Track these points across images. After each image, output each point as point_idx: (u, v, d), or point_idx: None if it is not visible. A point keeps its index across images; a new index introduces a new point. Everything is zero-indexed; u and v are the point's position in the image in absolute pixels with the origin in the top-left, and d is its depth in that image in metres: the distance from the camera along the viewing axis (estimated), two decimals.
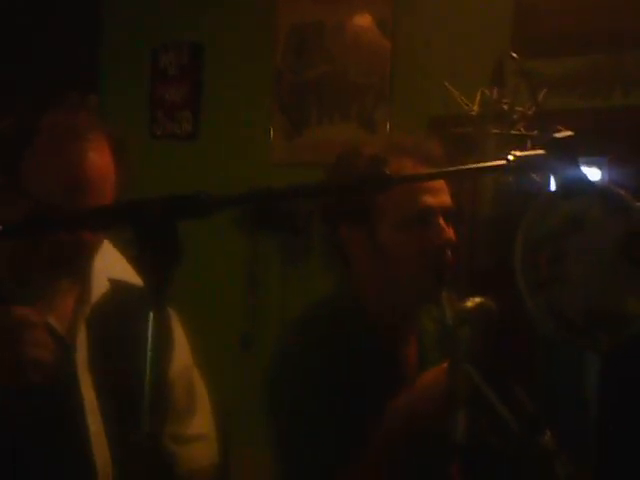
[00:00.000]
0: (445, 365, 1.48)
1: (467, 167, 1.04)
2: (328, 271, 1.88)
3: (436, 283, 1.57)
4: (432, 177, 1.47)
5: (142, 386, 1.18)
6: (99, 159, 1.36)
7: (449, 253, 1.58)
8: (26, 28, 3.38)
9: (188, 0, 3.52)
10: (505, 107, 1.45)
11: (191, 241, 1.01)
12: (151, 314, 0.94)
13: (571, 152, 0.99)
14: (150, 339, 0.94)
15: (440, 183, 1.60)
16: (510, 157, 1.00)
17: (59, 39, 3.46)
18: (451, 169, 1.05)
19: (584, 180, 1.02)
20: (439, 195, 1.59)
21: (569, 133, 1.00)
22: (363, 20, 3.22)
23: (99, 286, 1.46)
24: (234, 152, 3.42)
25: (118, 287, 1.48)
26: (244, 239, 3.30)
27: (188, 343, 1.61)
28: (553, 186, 1.11)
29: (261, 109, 3.38)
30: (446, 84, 1.66)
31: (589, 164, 2.59)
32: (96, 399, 1.39)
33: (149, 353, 0.94)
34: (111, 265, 1.52)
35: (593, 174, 2.64)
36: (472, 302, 1.40)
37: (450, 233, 1.59)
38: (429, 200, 1.57)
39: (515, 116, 1.45)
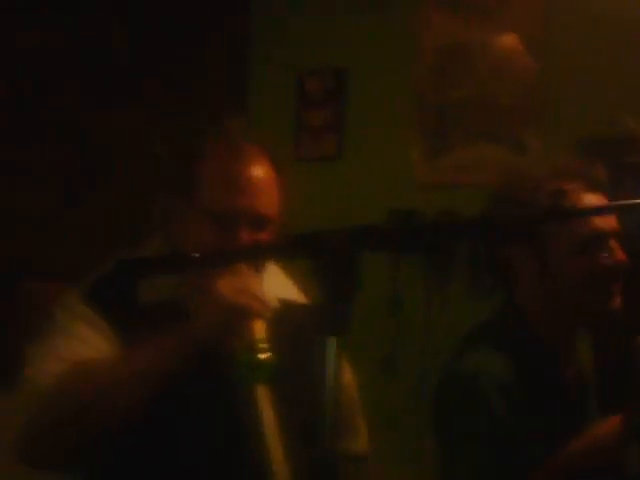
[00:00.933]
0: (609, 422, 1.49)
1: None
2: (477, 293, 1.87)
3: (606, 307, 1.59)
4: (613, 209, 1.42)
5: (318, 402, 1.22)
6: (265, 172, 1.51)
7: (621, 275, 1.60)
8: (180, 55, 3.51)
9: (333, 26, 3.56)
10: None
11: None
12: (333, 339, 0.96)
13: None
14: (332, 361, 0.96)
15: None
16: None
17: (210, 64, 3.58)
18: (627, 203, 1.01)
19: None
20: (609, 218, 1.61)
21: None
22: (510, 39, 3.17)
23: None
24: (378, 174, 3.43)
25: (287, 306, 1.56)
26: (388, 261, 3.29)
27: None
28: None
29: (404, 131, 3.38)
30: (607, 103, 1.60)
31: None
32: (273, 414, 1.42)
33: (331, 372, 0.96)
34: (279, 286, 1.58)
35: None
36: None
37: (622, 255, 1.60)
38: (601, 224, 1.59)
39: None
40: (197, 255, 1.09)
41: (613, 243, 1.61)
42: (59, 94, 3.15)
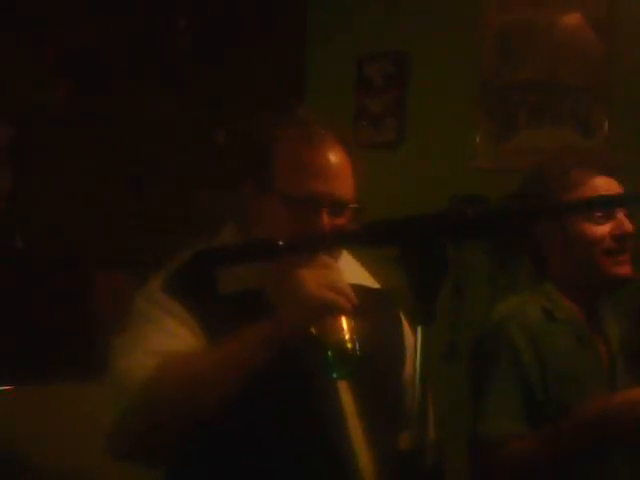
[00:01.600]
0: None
1: None
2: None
3: (616, 265, 1.84)
4: (632, 202, 1.51)
5: (399, 389, 1.22)
6: (341, 158, 1.52)
7: (630, 241, 1.85)
8: (239, 40, 3.51)
9: (394, 8, 3.52)
10: None
11: None
12: (419, 328, 0.96)
13: None
14: (419, 351, 0.98)
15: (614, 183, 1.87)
16: None
17: (268, 50, 3.57)
18: None
19: None
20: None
21: None
22: (575, 19, 3.10)
23: None
24: (440, 159, 3.39)
25: (361, 292, 1.52)
26: (450, 248, 3.25)
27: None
28: None
29: (467, 114, 3.33)
30: None
31: None
32: (354, 403, 1.41)
33: (419, 364, 0.98)
34: (351, 271, 1.57)
35: None
36: None
37: (630, 225, 1.84)
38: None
39: None
40: (281, 243, 1.08)
41: (621, 214, 1.85)
42: (122, 87, 3.17)
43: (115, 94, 3.13)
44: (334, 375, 1.32)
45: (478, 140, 3.29)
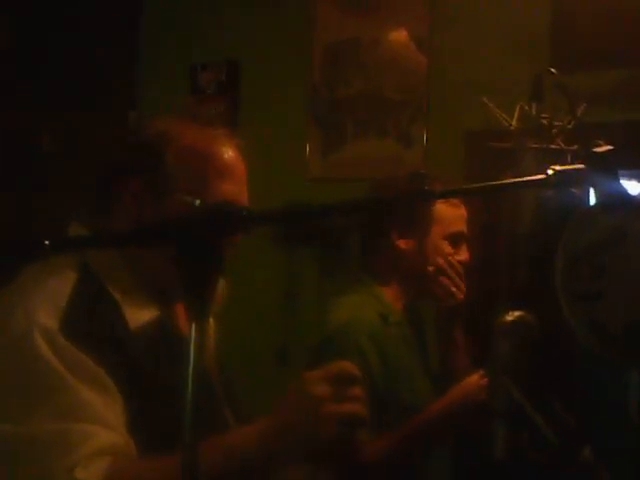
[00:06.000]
0: (473, 378, 1.75)
1: (507, 182, 1.04)
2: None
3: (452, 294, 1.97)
4: (471, 193, 1.50)
5: None
6: (235, 152, 1.39)
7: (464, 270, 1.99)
8: (67, 44, 3.44)
9: (226, 18, 3.55)
10: (544, 122, 1.47)
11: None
12: (193, 325, 0.95)
13: (611, 166, 0.99)
14: (192, 351, 0.94)
15: (465, 213, 2.00)
16: (550, 171, 1.01)
17: (99, 55, 3.52)
18: (491, 184, 1.06)
19: (625, 194, 1.01)
20: (465, 224, 2.00)
21: (609, 147, 1.00)
22: (399, 36, 3.24)
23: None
24: (270, 168, 3.44)
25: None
26: (281, 254, 3.31)
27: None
28: (593, 200, 1.10)
29: (297, 125, 3.40)
30: (484, 99, 1.68)
31: (626, 177, 2.57)
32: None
33: (192, 360, 0.94)
34: None
35: (631, 187, 2.62)
36: (512, 316, 1.41)
37: (467, 255, 2.00)
38: (462, 227, 1.99)
39: (554, 130, 1.46)
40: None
41: (464, 244, 1.99)
42: None
43: None
44: None
45: (308, 151, 3.37)
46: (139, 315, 1.28)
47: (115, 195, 1.36)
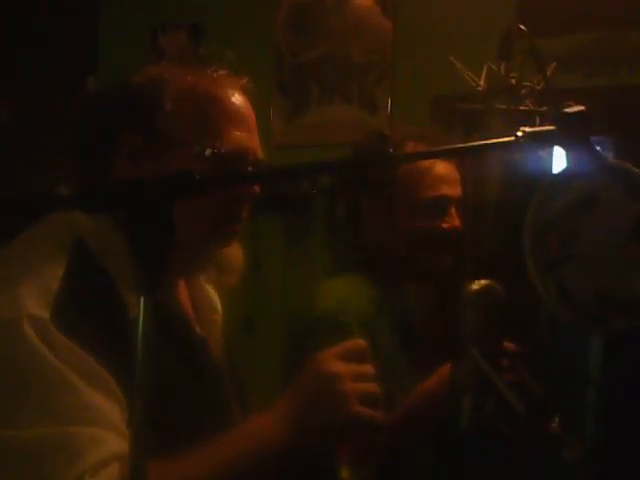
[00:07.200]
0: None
1: (475, 144, 1.00)
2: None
3: (436, 265, 1.74)
4: (437, 154, 1.46)
5: None
6: (243, 95, 1.26)
7: (455, 238, 1.75)
8: (25, 9, 3.33)
9: None
10: (513, 82, 1.43)
11: None
12: (142, 298, 0.89)
13: (583, 127, 0.95)
14: (141, 324, 0.87)
15: (455, 174, 1.76)
16: (519, 133, 0.96)
17: (58, 21, 3.41)
18: (459, 146, 1.01)
19: (597, 157, 0.97)
20: (454, 186, 1.75)
21: (580, 108, 0.95)
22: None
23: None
24: None
25: None
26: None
27: None
28: (563, 164, 1.06)
29: (261, 90, 3.33)
30: (451, 59, 1.62)
31: (595, 143, 2.55)
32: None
33: (140, 335, 0.86)
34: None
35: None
36: (478, 284, 1.39)
37: (458, 222, 1.75)
38: (446, 190, 1.73)
39: (523, 91, 1.42)
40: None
41: (453, 210, 1.74)
42: None
43: None
44: None
45: (272, 116, 3.30)
46: (140, 300, 1.13)
47: (107, 156, 1.19)
